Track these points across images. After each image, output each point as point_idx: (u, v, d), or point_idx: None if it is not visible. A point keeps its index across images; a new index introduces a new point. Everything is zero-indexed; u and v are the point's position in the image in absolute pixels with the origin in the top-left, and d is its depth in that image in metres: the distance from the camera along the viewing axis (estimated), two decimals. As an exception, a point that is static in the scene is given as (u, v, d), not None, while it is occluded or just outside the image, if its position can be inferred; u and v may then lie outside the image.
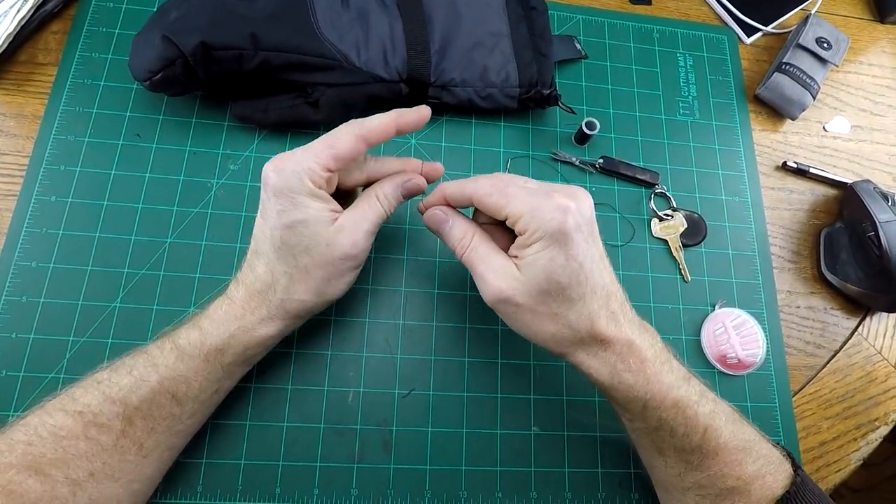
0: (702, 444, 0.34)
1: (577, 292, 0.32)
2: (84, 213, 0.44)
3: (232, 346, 0.34)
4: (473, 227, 0.37)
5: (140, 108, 0.47)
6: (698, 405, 0.34)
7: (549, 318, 0.33)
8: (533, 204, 0.32)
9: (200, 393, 0.34)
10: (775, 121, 0.58)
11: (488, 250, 0.35)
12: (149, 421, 0.32)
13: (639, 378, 0.33)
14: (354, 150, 0.35)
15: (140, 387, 0.32)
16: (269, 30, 0.42)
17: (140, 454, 0.32)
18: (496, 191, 0.34)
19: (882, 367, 0.50)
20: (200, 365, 0.34)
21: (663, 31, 0.59)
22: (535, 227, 0.32)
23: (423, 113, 0.37)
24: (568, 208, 0.31)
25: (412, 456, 0.42)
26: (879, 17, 0.65)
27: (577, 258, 0.32)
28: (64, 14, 0.49)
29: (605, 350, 0.34)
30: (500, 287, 0.33)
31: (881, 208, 0.50)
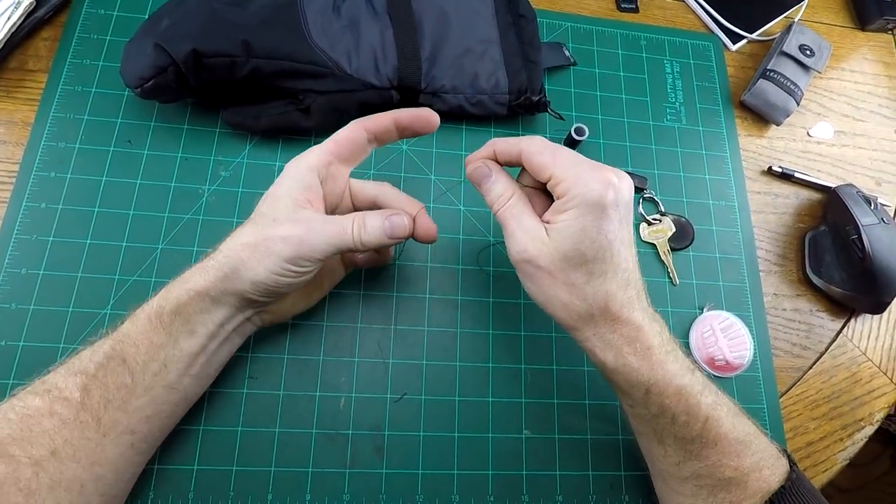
0: (702, 433, 0.34)
1: (600, 268, 0.33)
2: (75, 220, 0.44)
3: (168, 300, 0.34)
4: (514, 186, 0.37)
5: (131, 114, 0.47)
6: (701, 395, 0.34)
7: (565, 287, 0.34)
8: (579, 171, 0.32)
9: (149, 360, 0.33)
10: (760, 126, 0.59)
11: (523, 210, 0.35)
12: (104, 391, 0.32)
13: (643, 363, 0.34)
14: (353, 133, 0.37)
15: (96, 353, 0.33)
16: (260, 37, 0.43)
17: (99, 431, 0.32)
18: (547, 151, 0.34)
19: (867, 368, 0.51)
20: (144, 325, 0.33)
21: (650, 38, 0.60)
22: (575, 194, 0.32)
23: (427, 114, 0.38)
24: (612, 183, 0.32)
25: (404, 461, 0.42)
26: (860, 24, 0.66)
27: (608, 235, 0.32)
28: (55, 21, 0.49)
29: (613, 332, 0.34)
30: (526, 246, 0.34)
31: (864, 212, 0.51)
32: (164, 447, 0.38)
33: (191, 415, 0.39)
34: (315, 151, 0.36)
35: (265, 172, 0.48)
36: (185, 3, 0.44)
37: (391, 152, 0.50)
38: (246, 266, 0.34)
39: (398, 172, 0.50)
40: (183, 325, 0.34)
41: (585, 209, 0.32)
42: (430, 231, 0.39)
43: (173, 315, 0.34)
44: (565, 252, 0.33)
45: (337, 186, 0.38)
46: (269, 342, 0.43)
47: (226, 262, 0.34)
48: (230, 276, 0.34)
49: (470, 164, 0.38)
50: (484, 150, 0.38)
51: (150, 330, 0.33)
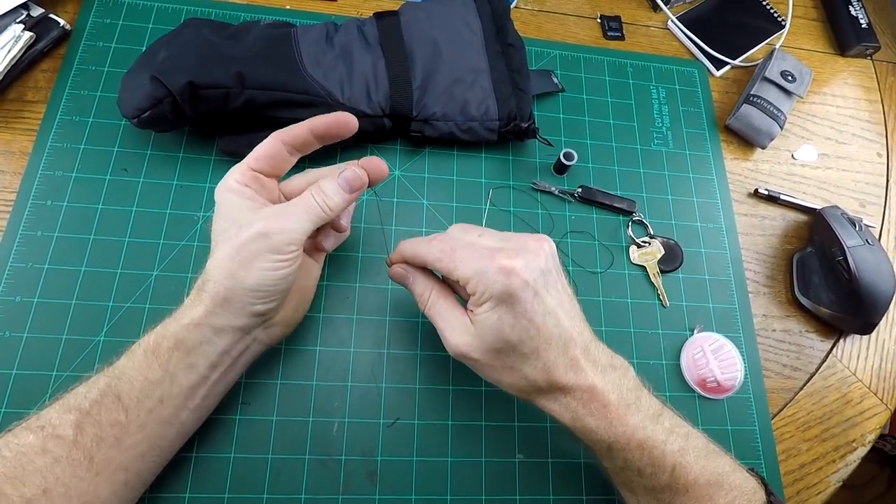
0: (671, 482, 0.34)
1: (529, 347, 0.33)
2: (70, 248, 0.44)
3: (166, 336, 0.34)
4: (432, 283, 0.38)
5: (128, 143, 0.48)
6: (665, 444, 0.34)
7: (506, 371, 0.35)
8: (478, 267, 0.33)
9: (144, 398, 0.33)
10: (746, 150, 0.60)
11: (446, 306, 0.37)
12: (97, 428, 0.32)
13: (601, 422, 0.34)
14: (271, 147, 0.37)
15: (90, 390, 0.33)
16: (255, 69, 0.44)
17: (91, 470, 0.31)
18: (444, 256, 0.35)
19: (857, 389, 0.51)
20: (141, 360, 0.33)
21: (636, 64, 0.62)
22: (482, 291, 0.33)
23: (339, 118, 0.38)
24: (511, 269, 0.32)
25: (397, 486, 0.42)
26: (840, 50, 0.68)
27: (526, 315, 0.33)
28: (54, 53, 0.50)
29: (566, 396, 0.34)
30: (456, 343, 0.35)
31: (849, 233, 0.51)
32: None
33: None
34: (237, 169, 0.37)
35: (259, 199, 0.48)
36: (181, 35, 0.45)
37: (385, 179, 0.51)
38: (238, 276, 0.34)
39: (391, 197, 0.50)
40: (182, 360, 0.34)
41: (496, 302, 0.33)
42: (380, 169, 0.40)
43: (171, 350, 0.34)
44: (491, 343, 0.34)
45: (271, 195, 0.39)
46: (262, 367, 0.43)
47: (218, 283, 0.34)
48: (228, 294, 0.34)
49: (390, 268, 0.40)
50: (396, 254, 0.40)
51: (145, 366, 0.33)
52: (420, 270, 0.39)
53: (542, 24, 0.63)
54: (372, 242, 0.49)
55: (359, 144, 0.52)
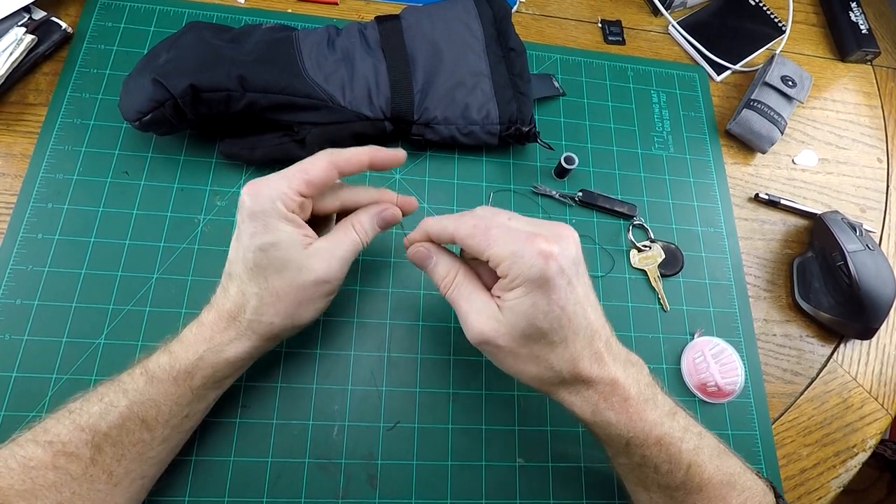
0: (686, 480, 0.34)
1: (559, 336, 0.33)
2: (70, 250, 0.44)
3: (201, 367, 0.34)
4: (457, 264, 0.36)
5: (129, 146, 0.48)
6: (682, 441, 0.34)
7: (531, 360, 0.34)
8: (514, 249, 0.31)
9: (171, 418, 0.34)
10: (746, 154, 0.60)
11: (471, 289, 0.35)
12: (118, 448, 0.32)
13: (621, 416, 0.34)
14: (327, 176, 0.36)
15: (109, 412, 0.32)
16: (256, 72, 0.44)
17: (110, 482, 0.32)
18: (478, 232, 0.33)
19: (858, 394, 0.51)
20: (170, 388, 0.33)
21: (637, 69, 0.62)
22: (517, 274, 0.31)
23: (399, 156, 0.39)
24: (550, 254, 0.31)
25: (397, 490, 0.42)
26: (840, 56, 0.68)
27: (559, 303, 0.32)
28: (56, 56, 0.51)
29: (588, 389, 0.34)
30: (481, 329, 0.34)
31: (849, 238, 0.51)
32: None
33: (182, 446, 0.39)
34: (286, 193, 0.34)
35: (260, 202, 0.48)
36: (182, 39, 0.45)
37: (385, 181, 0.51)
38: (296, 318, 0.36)
39: (391, 201, 0.50)
40: (214, 384, 0.35)
41: (530, 286, 0.31)
42: (411, 205, 0.41)
43: (206, 379, 0.35)
44: (522, 329, 0.32)
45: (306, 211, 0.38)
46: (262, 371, 0.43)
47: (274, 324, 0.35)
48: (279, 334, 0.36)
49: (409, 248, 0.38)
50: (418, 233, 0.38)
51: (175, 393, 0.34)
52: (444, 251, 0.37)
53: (543, 29, 0.63)
54: (372, 246, 0.48)
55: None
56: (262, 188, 0.34)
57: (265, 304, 0.34)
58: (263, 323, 0.35)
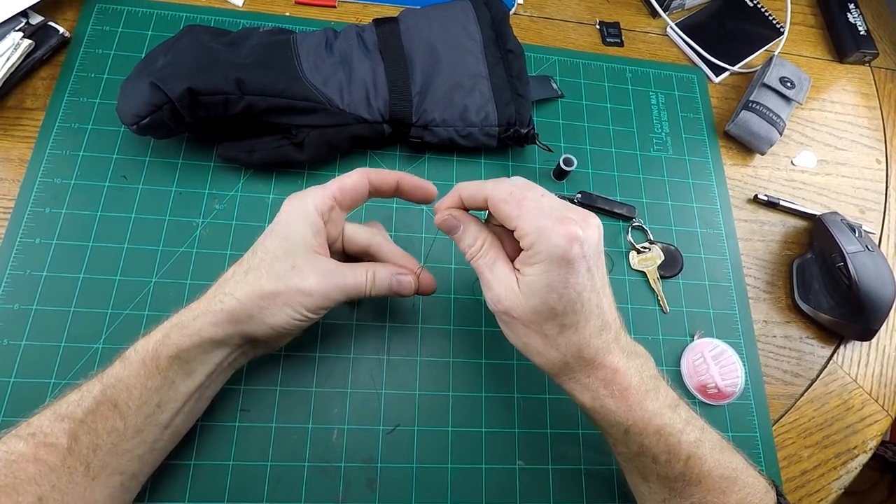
0: (685, 471, 0.34)
1: (571, 320, 0.33)
2: (68, 255, 0.44)
3: (166, 345, 0.33)
4: (484, 233, 0.36)
5: (127, 150, 0.48)
6: (682, 433, 0.34)
7: (539, 336, 0.34)
8: (542, 225, 0.31)
9: (142, 404, 0.33)
10: (745, 155, 0.60)
11: (495, 258, 0.35)
12: (93, 436, 0.32)
13: (620, 404, 0.34)
14: (359, 183, 0.37)
15: (84, 398, 0.32)
16: (254, 75, 0.44)
17: (88, 475, 0.31)
18: (512, 199, 0.33)
19: (858, 396, 0.51)
20: (138, 368, 0.33)
21: (635, 70, 0.62)
22: (539, 249, 0.32)
23: (429, 189, 0.40)
24: (575, 237, 0.31)
25: (397, 493, 0.42)
26: (838, 57, 0.68)
27: (576, 287, 0.32)
28: (53, 60, 0.50)
29: (589, 376, 0.34)
30: (500, 297, 0.34)
31: (849, 239, 0.51)
32: (154, 483, 0.38)
33: (182, 449, 0.39)
34: (319, 194, 0.36)
35: (259, 205, 0.48)
36: (180, 42, 0.45)
37: (383, 184, 0.51)
38: (265, 313, 0.34)
39: (391, 203, 0.50)
40: (181, 368, 0.34)
41: (551, 265, 0.31)
42: (431, 286, 0.41)
43: (171, 359, 0.33)
44: (535, 306, 0.33)
45: (335, 229, 0.39)
46: (262, 374, 0.43)
47: (240, 309, 0.34)
48: (244, 321, 0.34)
49: (438, 214, 0.38)
50: (450, 197, 0.37)
51: (144, 375, 0.33)
52: (472, 219, 0.37)
53: (541, 31, 0.63)
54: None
55: (358, 150, 0.52)
56: (299, 194, 0.37)
57: (245, 282, 0.34)
58: (234, 299, 0.34)
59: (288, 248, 0.35)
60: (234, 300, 0.34)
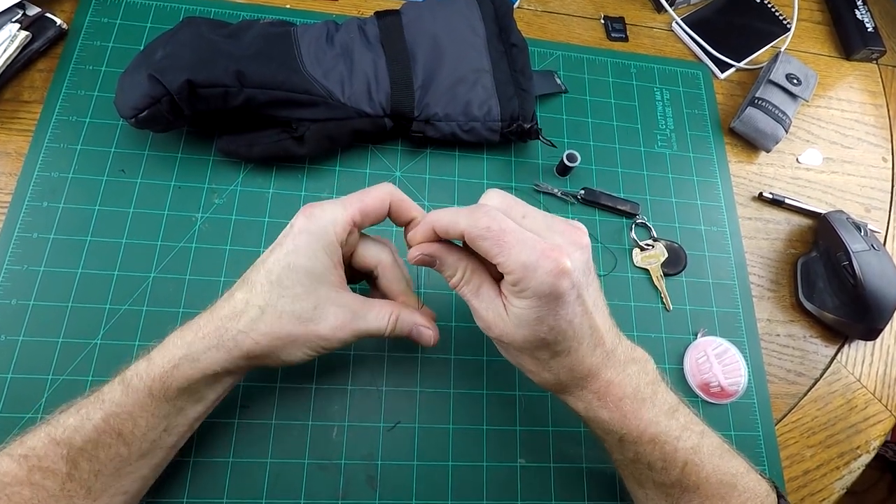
0: (681, 478, 0.34)
1: (563, 347, 0.32)
2: (66, 250, 0.44)
3: (176, 377, 0.32)
4: (464, 261, 0.34)
5: (125, 144, 0.48)
6: (679, 440, 0.34)
7: (531, 360, 0.34)
8: (526, 261, 0.30)
9: (148, 431, 0.32)
10: (750, 153, 0.59)
11: (480, 284, 0.34)
12: (94, 463, 0.31)
13: (614, 415, 0.34)
14: (381, 206, 0.35)
15: (84, 425, 0.31)
16: (254, 67, 0.43)
17: (89, 497, 0.31)
18: (491, 235, 0.30)
19: (861, 395, 0.51)
20: (145, 399, 0.32)
21: (640, 66, 0.61)
22: (526, 286, 0.30)
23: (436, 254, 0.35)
24: (563, 271, 0.29)
25: (397, 491, 0.41)
26: (846, 54, 0.68)
27: (566, 318, 0.31)
28: (50, 53, 0.50)
29: (582, 389, 0.34)
30: (489, 325, 0.34)
31: (854, 238, 0.51)
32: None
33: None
34: (340, 218, 0.34)
35: (259, 200, 0.48)
36: (179, 34, 0.44)
37: (384, 178, 0.50)
38: (284, 351, 0.34)
39: (392, 200, 0.50)
40: (191, 396, 0.34)
41: (539, 301, 0.30)
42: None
43: (181, 391, 0.33)
44: (525, 336, 0.32)
45: (348, 250, 0.37)
46: (261, 371, 0.42)
47: (257, 349, 0.33)
48: (261, 357, 0.34)
49: (410, 251, 0.35)
50: (422, 229, 0.34)
51: (151, 405, 0.32)
52: (448, 248, 0.35)
53: (546, 25, 0.62)
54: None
55: (359, 145, 0.51)
56: (317, 211, 0.34)
57: (262, 321, 0.33)
58: (250, 338, 0.32)
59: (309, 286, 0.33)
60: (250, 340, 0.32)
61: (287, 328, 0.33)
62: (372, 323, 0.35)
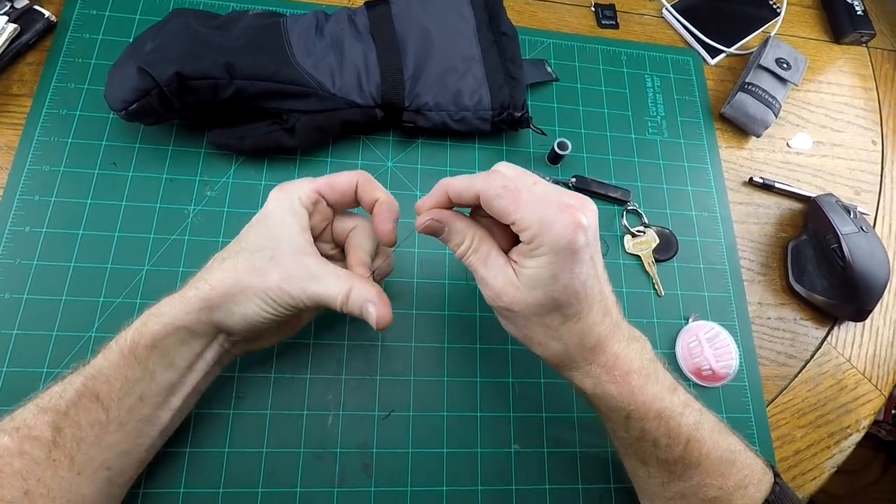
0: (684, 454, 0.34)
1: (575, 309, 0.32)
2: (59, 243, 0.44)
3: (143, 334, 0.33)
4: (472, 228, 0.34)
5: (116, 137, 0.48)
6: (682, 416, 0.34)
7: (541, 328, 0.34)
8: (543, 216, 0.30)
9: (123, 396, 0.32)
10: (740, 138, 0.60)
11: (488, 253, 0.34)
12: (76, 429, 0.31)
13: (622, 390, 0.34)
14: (347, 182, 0.36)
15: (66, 390, 0.32)
16: (244, 59, 0.43)
17: (73, 470, 0.31)
18: (507, 193, 0.31)
19: (851, 376, 0.51)
20: (118, 359, 0.32)
21: (631, 53, 0.61)
22: (543, 241, 0.30)
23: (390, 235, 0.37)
24: (580, 225, 0.30)
25: (393, 478, 0.42)
26: (835, 38, 0.68)
27: (580, 277, 0.31)
28: (39, 45, 0.50)
29: (591, 363, 0.34)
30: (499, 293, 0.33)
31: (844, 221, 0.51)
32: (149, 471, 0.38)
33: (176, 437, 0.38)
34: (306, 187, 0.36)
35: (251, 192, 0.48)
36: (168, 26, 0.44)
37: (377, 169, 0.51)
38: (236, 301, 0.33)
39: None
40: (160, 358, 0.33)
41: (555, 257, 0.30)
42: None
43: (149, 349, 0.33)
44: (538, 299, 0.32)
45: (321, 223, 0.38)
46: (256, 361, 0.43)
47: (212, 294, 0.33)
48: (215, 308, 0.33)
49: (419, 217, 0.35)
50: (435, 195, 0.35)
51: (123, 365, 0.32)
52: (456, 216, 0.35)
53: (536, 13, 0.62)
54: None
55: (351, 136, 0.51)
56: (287, 184, 0.36)
57: (220, 269, 0.34)
58: (207, 285, 0.33)
59: (270, 241, 0.34)
60: (206, 286, 0.33)
61: (240, 276, 0.33)
62: (326, 287, 0.34)
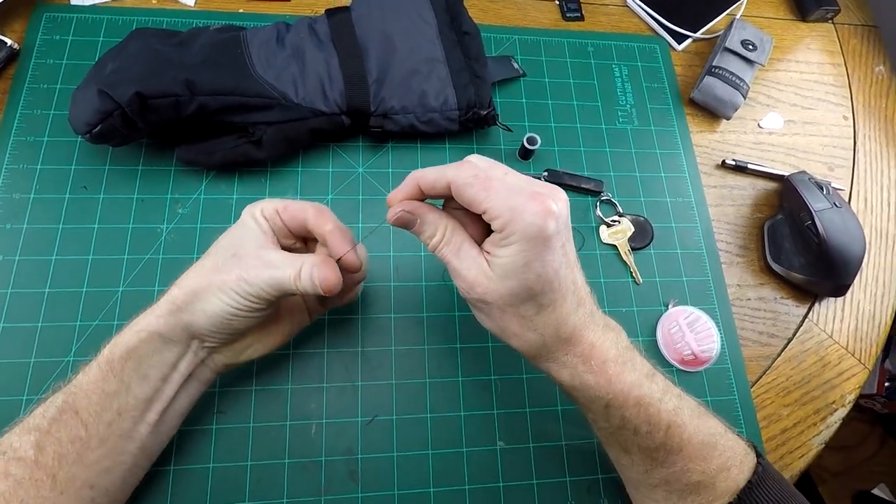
0: (665, 440, 0.34)
1: (549, 298, 0.32)
2: (33, 270, 0.44)
3: (118, 345, 0.34)
4: (444, 220, 0.34)
5: (85, 160, 0.48)
6: (661, 402, 0.34)
7: (516, 318, 0.33)
8: (514, 204, 0.30)
9: (101, 410, 0.33)
10: (711, 121, 0.60)
11: (460, 244, 0.34)
12: (57, 446, 0.32)
13: (600, 379, 0.34)
14: (301, 208, 0.37)
15: (48, 408, 0.32)
16: (204, 75, 0.43)
17: (55, 489, 0.31)
18: (478, 182, 0.31)
19: (834, 351, 0.51)
20: (95, 373, 0.33)
21: (597, 44, 0.61)
22: (514, 229, 0.30)
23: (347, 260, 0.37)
24: (550, 212, 0.30)
25: (379, 483, 0.42)
26: (801, 16, 0.68)
27: (552, 265, 0.31)
28: (3, 73, 0.50)
29: (567, 353, 0.34)
30: (472, 284, 0.33)
31: (817, 198, 0.52)
32: (134, 491, 0.38)
33: (161, 455, 0.38)
34: (268, 202, 0.37)
35: (223, 206, 0.48)
36: (128, 47, 0.44)
37: (348, 175, 0.51)
38: (199, 297, 0.34)
39: (356, 195, 0.50)
40: (135, 370, 0.34)
41: (526, 245, 0.30)
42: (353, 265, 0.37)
43: (124, 360, 0.33)
44: (511, 288, 0.32)
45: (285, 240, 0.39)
46: (236, 374, 0.43)
47: (178, 295, 0.34)
48: (182, 308, 0.34)
49: (390, 209, 0.35)
50: (406, 187, 0.35)
51: (100, 378, 0.33)
52: (428, 208, 0.35)
53: (501, 10, 0.62)
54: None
55: (321, 145, 0.51)
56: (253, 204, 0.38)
57: (188, 275, 0.35)
58: (175, 287, 0.35)
59: (234, 242, 0.36)
60: (175, 290, 0.35)
61: (204, 274, 0.35)
62: (281, 271, 0.34)
